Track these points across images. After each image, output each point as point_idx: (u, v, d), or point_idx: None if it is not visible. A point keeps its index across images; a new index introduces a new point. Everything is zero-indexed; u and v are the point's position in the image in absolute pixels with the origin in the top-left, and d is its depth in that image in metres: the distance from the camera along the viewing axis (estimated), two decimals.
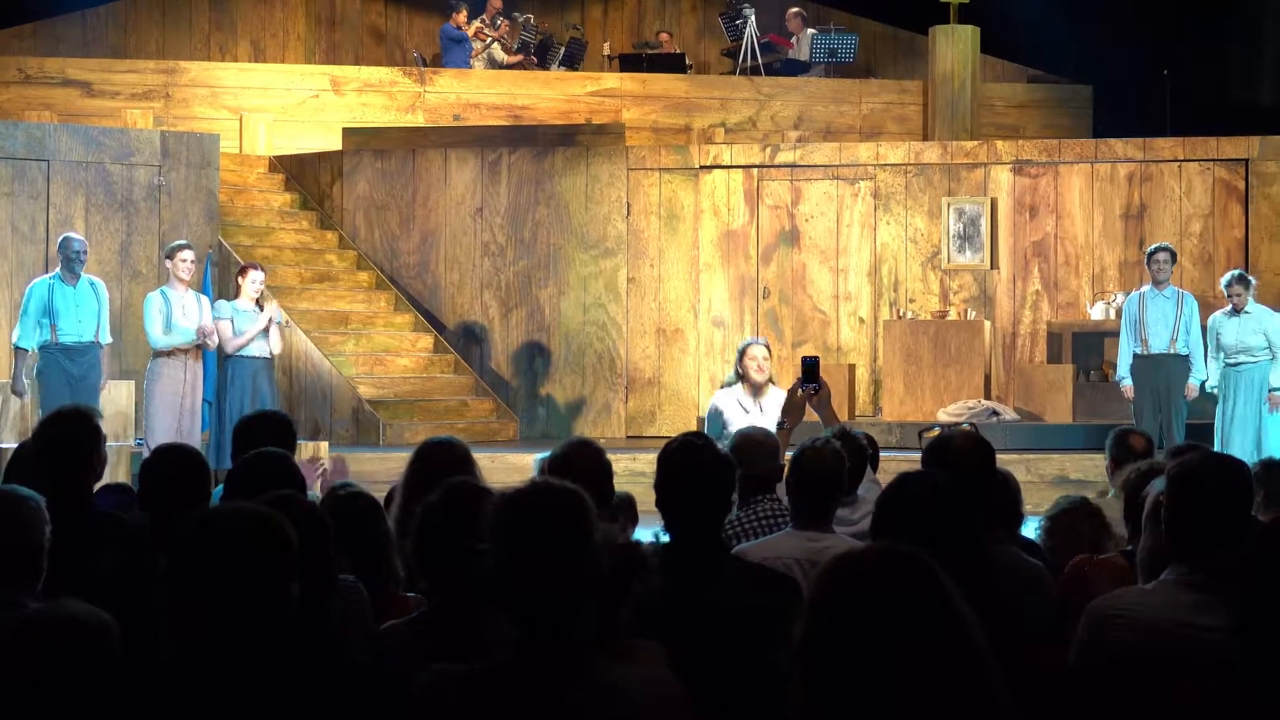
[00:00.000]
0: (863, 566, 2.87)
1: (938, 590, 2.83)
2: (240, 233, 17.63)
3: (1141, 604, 4.17)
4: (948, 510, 4.24)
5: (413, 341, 17.42)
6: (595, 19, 23.10)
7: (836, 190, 17.49)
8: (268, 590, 3.34)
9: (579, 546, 3.31)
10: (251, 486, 4.96)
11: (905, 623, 2.78)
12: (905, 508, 4.27)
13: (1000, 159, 17.24)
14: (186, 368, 13.08)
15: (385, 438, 15.78)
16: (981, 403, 15.80)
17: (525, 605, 3.30)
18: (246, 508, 3.51)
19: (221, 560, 3.31)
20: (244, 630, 3.31)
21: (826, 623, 2.83)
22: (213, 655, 3.30)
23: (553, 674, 3.31)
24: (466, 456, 5.76)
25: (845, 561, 2.90)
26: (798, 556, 5.47)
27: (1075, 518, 6.22)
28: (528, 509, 3.34)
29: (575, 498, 3.37)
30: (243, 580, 3.30)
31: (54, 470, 5.79)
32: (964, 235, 17.12)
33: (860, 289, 17.39)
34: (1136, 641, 4.09)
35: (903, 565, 2.85)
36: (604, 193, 17.66)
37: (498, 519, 3.35)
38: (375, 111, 20.31)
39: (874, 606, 2.80)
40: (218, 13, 22.02)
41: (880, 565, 2.86)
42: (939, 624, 2.79)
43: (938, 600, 2.82)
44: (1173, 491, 4.22)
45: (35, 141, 15.83)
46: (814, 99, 20.68)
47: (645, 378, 17.56)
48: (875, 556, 2.92)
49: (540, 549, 3.28)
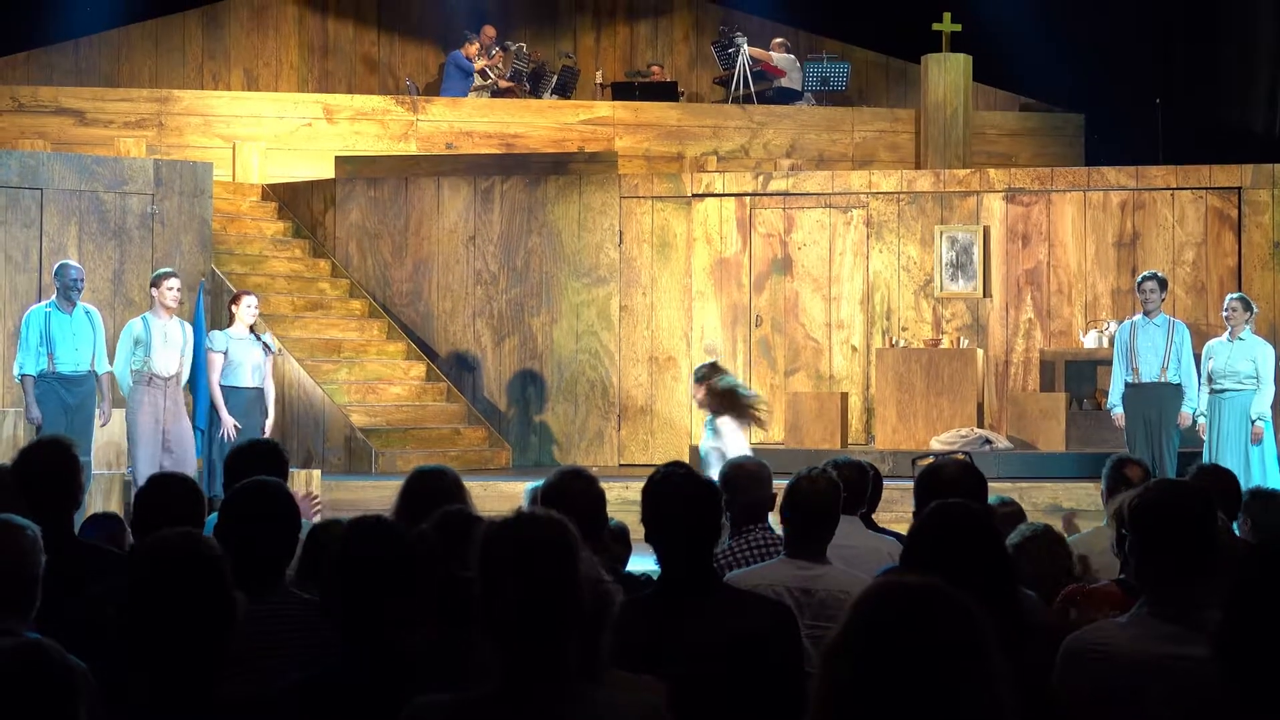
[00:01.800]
0: (897, 601, 2.84)
1: (971, 630, 2.81)
2: (233, 261, 17.66)
3: (1117, 637, 4.17)
4: (982, 542, 4.22)
5: (405, 370, 17.44)
6: (588, 47, 23.17)
7: (829, 218, 17.53)
8: (210, 612, 3.41)
9: (564, 577, 3.33)
10: (245, 514, 4.98)
11: (936, 663, 2.75)
12: (939, 539, 4.24)
13: (993, 187, 17.29)
14: (166, 394, 13.05)
15: (378, 466, 15.79)
16: (974, 431, 15.82)
17: (509, 635, 3.31)
18: (174, 534, 3.58)
19: (159, 588, 3.39)
20: (196, 655, 3.37)
21: (853, 656, 2.80)
22: (169, 682, 3.36)
23: (536, 703, 3.33)
24: (458, 484, 5.78)
25: (880, 595, 2.88)
26: (790, 585, 5.48)
27: (1038, 545, 6.23)
28: (513, 539, 3.36)
29: (561, 528, 3.39)
30: (185, 606, 3.37)
31: (34, 501, 5.81)
32: (957, 263, 17.15)
33: (853, 317, 17.43)
34: (1113, 673, 4.10)
35: (939, 603, 2.82)
36: (596, 221, 17.70)
37: (483, 548, 3.37)
38: (368, 140, 20.36)
39: (906, 643, 2.76)
40: (211, 41, 22.07)
41: (917, 601, 2.83)
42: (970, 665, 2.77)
43: (971, 641, 2.80)
44: (1134, 524, 4.23)
45: (28, 170, 15.85)
46: (806, 127, 20.73)
47: (638, 405, 17.59)
48: (911, 592, 2.87)
49: (524, 579, 3.30)
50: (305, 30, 22.47)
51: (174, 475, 6.10)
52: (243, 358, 13.34)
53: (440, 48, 21.97)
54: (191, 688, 3.41)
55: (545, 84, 21.82)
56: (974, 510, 4.41)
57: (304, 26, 22.47)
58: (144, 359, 12.99)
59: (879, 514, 8.41)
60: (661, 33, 23.23)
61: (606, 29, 23.26)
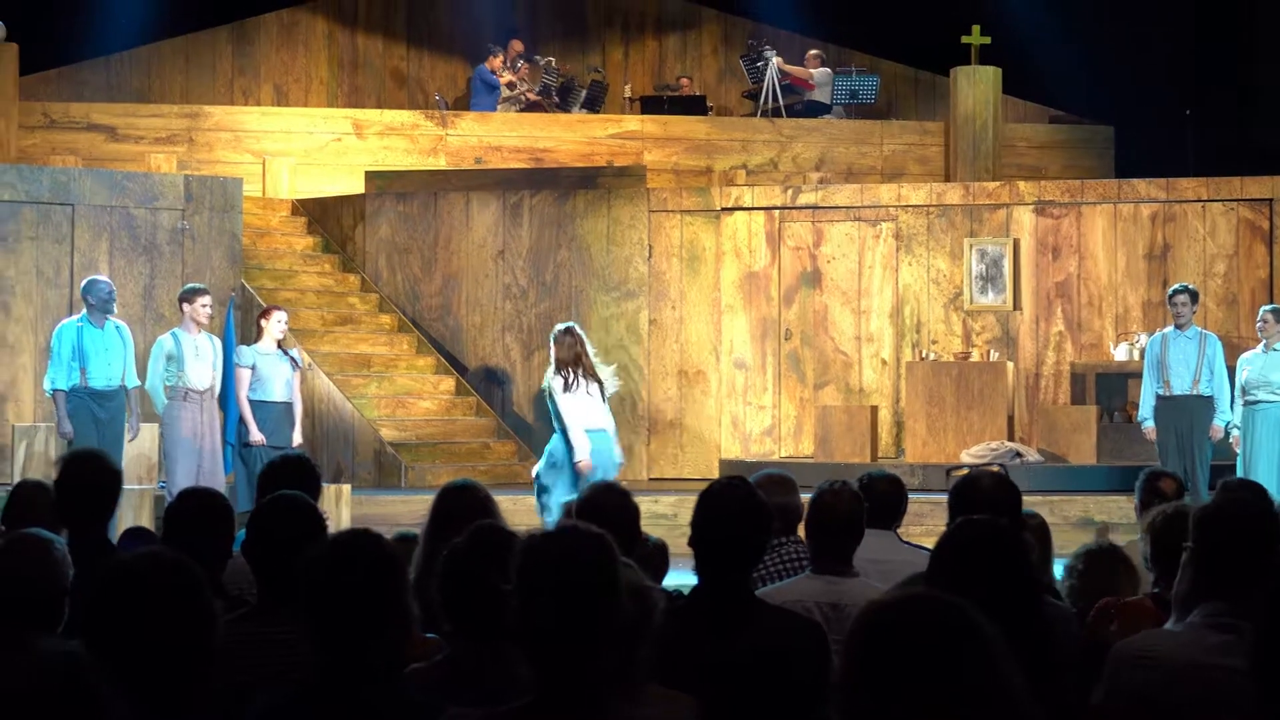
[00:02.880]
0: (901, 614, 2.84)
1: (978, 643, 2.81)
2: (263, 276, 17.69)
3: (1166, 645, 4.15)
4: (1005, 558, 4.18)
5: (435, 384, 17.45)
6: (616, 62, 23.18)
7: (858, 231, 17.49)
8: (183, 633, 3.41)
9: (603, 592, 3.31)
10: (272, 530, 4.97)
11: (942, 674, 2.76)
12: (962, 556, 4.21)
13: (1022, 199, 17.24)
14: (202, 409, 13.06)
15: (407, 480, 15.79)
16: (1005, 444, 15.76)
17: (547, 649, 3.30)
18: (150, 553, 3.58)
19: (128, 609, 3.40)
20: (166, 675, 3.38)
21: (860, 667, 2.81)
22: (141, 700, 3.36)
23: (572, 717, 3.31)
24: (487, 499, 5.77)
25: (882, 608, 2.87)
26: (819, 600, 5.46)
27: (1102, 563, 6.18)
28: (553, 553, 3.35)
29: (601, 542, 3.37)
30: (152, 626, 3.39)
31: (72, 513, 5.83)
32: (986, 276, 17.10)
33: (882, 330, 17.38)
34: (1160, 682, 4.07)
35: (945, 615, 2.82)
36: (625, 235, 17.69)
37: (523, 562, 3.36)
38: (397, 155, 20.39)
39: (907, 655, 2.78)
40: (241, 57, 22.13)
41: (921, 614, 2.83)
42: (978, 676, 2.77)
43: (979, 653, 2.80)
44: (1197, 533, 4.22)
45: (60, 186, 15.90)
46: (835, 140, 20.71)
47: (667, 420, 17.56)
48: (914, 605, 2.88)
49: (564, 594, 3.29)
50: (335, 45, 22.52)
51: (203, 490, 6.11)
52: (271, 372, 13.33)
53: (469, 62, 22.00)
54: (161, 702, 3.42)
55: (574, 98, 21.83)
56: (999, 526, 4.38)
57: (333, 42, 22.53)
58: (178, 374, 12.99)
59: (907, 528, 8.36)
60: (690, 46, 23.23)
61: (635, 43, 23.27)
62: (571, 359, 12.52)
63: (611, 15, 23.23)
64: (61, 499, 6.08)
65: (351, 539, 3.90)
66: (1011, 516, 5.51)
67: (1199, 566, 4.19)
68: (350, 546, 3.85)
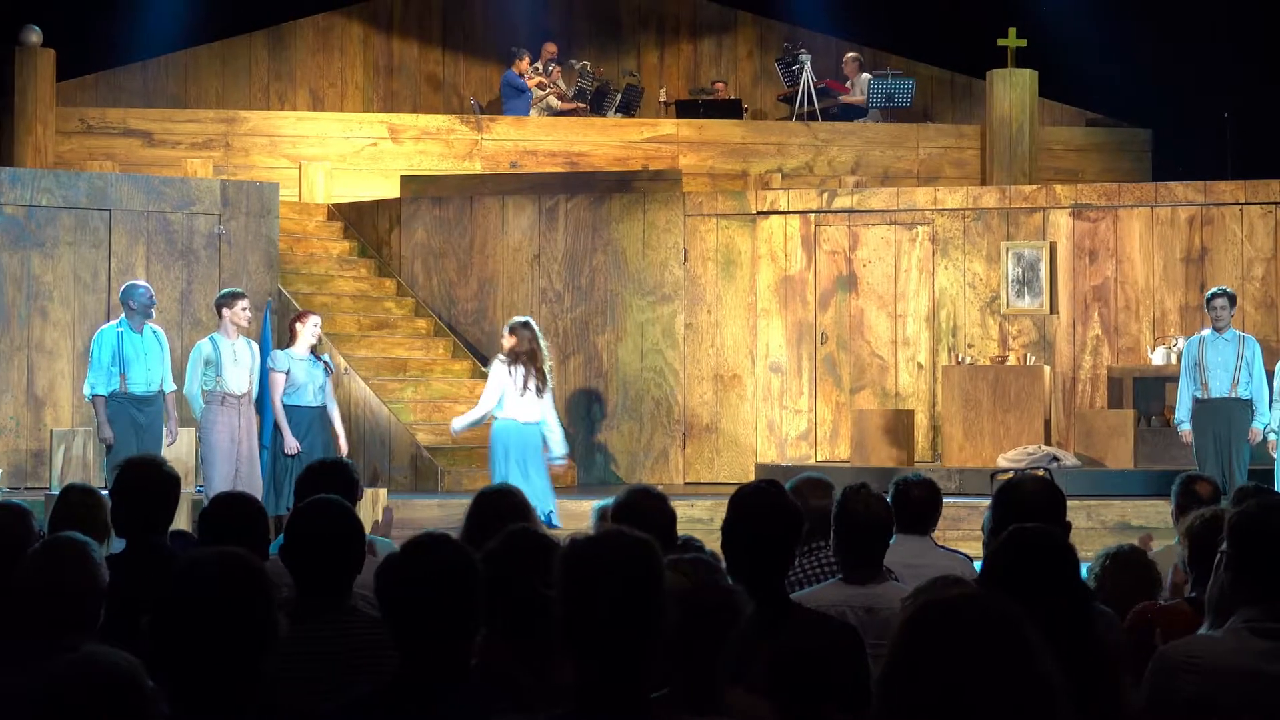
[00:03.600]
0: (953, 611, 2.84)
1: (1022, 645, 2.80)
2: (299, 280, 17.73)
3: (1211, 650, 4.14)
4: (1060, 567, 4.17)
5: (470, 388, 17.44)
6: (651, 65, 23.18)
7: (894, 235, 17.47)
8: (247, 631, 3.42)
9: (651, 598, 3.30)
10: (308, 533, 4.98)
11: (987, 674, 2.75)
12: (1017, 563, 4.19)
13: (1059, 203, 17.19)
14: (240, 413, 13.09)
15: (444, 484, 15.80)
16: (1042, 448, 15.71)
17: (590, 654, 3.29)
18: (219, 552, 3.60)
19: (198, 605, 3.41)
20: (225, 674, 3.39)
21: (907, 662, 2.81)
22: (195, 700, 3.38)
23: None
24: (525, 503, 5.77)
25: (935, 605, 2.87)
26: (852, 604, 5.45)
27: (1124, 566, 6.16)
28: (600, 557, 3.34)
29: (648, 548, 3.37)
30: (221, 624, 3.40)
31: (131, 521, 5.87)
32: (1023, 280, 17.06)
33: (918, 334, 17.35)
34: (1206, 688, 4.06)
35: (990, 616, 2.82)
36: (661, 239, 17.69)
37: (569, 566, 3.34)
38: (433, 159, 20.42)
39: (955, 652, 2.77)
40: (276, 62, 22.20)
41: (968, 614, 2.83)
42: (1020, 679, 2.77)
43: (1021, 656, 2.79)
44: (1234, 538, 4.20)
45: (97, 191, 15.98)
46: (871, 144, 20.68)
47: (703, 424, 17.55)
48: (966, 604, 2.88)
49: (611, 598, 3.28)
50: (370, 50, 22.57)
51: (239, 495, 6.15)
52: (305, 377, 13.34)
53: (504, 66, 22.01)
54: (218, 706, 3.43)
55: (609, 102, 21.84)
56: (1053, 535, 4.37)
57: (369, 46, 22.58)
58: (216, 378, 13.01)
59: (944, 532, 8.35)
60: (725, 50, 23.22)
61: (670, 47, 23.27)
62: (526, 353, 13.25)
63: (646, 19, 23.24)
64: (120, 507, 6.11)
65: (430, 543, 3.94)
66: (1055, 521, 5.49)
67: (1235, 571, 4.17)
68: (430, 550, 3.89)
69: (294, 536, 5.00)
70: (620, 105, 21.82)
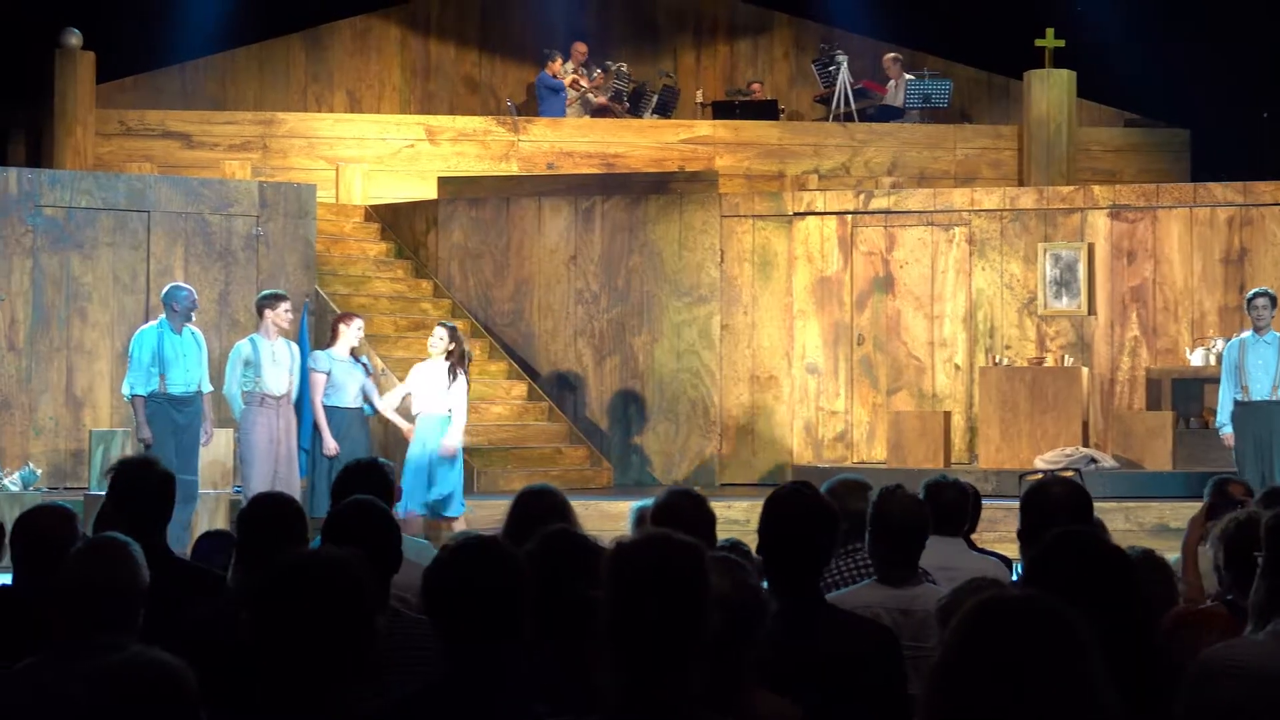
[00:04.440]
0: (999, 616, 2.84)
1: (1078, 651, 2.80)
2: (336, 281, 17.79)
3: (1253, 654, 4.12)
4: (1114, 572, 4.13)
5: (507, 389, 17.50)
6: (688, 66, 23.19)
7: (931, 236, 17.45)
8: (346, 633, 3.42)
9: (697, 602, 3.31)
10: (346, 534, 5.00)
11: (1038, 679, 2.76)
12: (1068, 568, 4.15)
13: (1097, 204, 17.15)
14: (280, 414, 13.14)
15: (479, 485, 15.82)
16: (1080, 450, 15.68)
17: (635, 658, 3.29)
18: (320, 552, 3.60)
19: (299, 606, 3.40)
20: (325, 675, 3.39)
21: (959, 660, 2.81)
22: (298, 699, 3.38)
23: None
24: (565, 504, 5.79)
25: (981, 611, 2.87)
26: (887, 605, 5.45)
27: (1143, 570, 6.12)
28: (648, 560, 3.33)
29: (695, 551, 3.37)
30: (321, 625, 3.39)
31: (133, 520, 5.88)
32: (1061, 281, 17.02)
33: (956, 336, 17.33)
34: (1247, 693, 4.04)
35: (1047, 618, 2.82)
36: (697, 240, 17.70)
37: (616, 568, 3.34)
38: (469, 160, 20.47)
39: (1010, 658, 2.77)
40: (314, 64, 22.27)
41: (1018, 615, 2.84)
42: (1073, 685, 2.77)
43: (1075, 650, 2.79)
44: (1270, 541, 4.18)
45: (136, 193, 16.05)
46: (908, 145, 20.66)
47: (739, 425, 17.56)
48: (1012, 606, 2.88)
49: (659, 602, 3.27)
50: (407, 52, 22.63)
51: (277, 495, 6.14)
52: (345, 379, 13.40)
53: (541, 68, 22.03)
54: (315, 704, 3.44)
55: (645, 103, 21.86)
56: (1102, 540, 4.32)
57: (406, 48, 22.64)
58: (255, 379, 13.07)
59: (981, 534, 8.34)
60: (761, 51, 23.22)
61: (706, 48, 23.27)
62: (457, 355, 13.50)
63: (683, 20, 23.25)
64: (117, 508, 6.12)
65: (477, 545, 3.96)
66: (1082, 523, 5.47)
67: (1272, 576, 4.16)
68: (477, 552, 3.92)
69: (332, 538, 5.03)
70: (656, 106, 21.83)
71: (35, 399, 15.54)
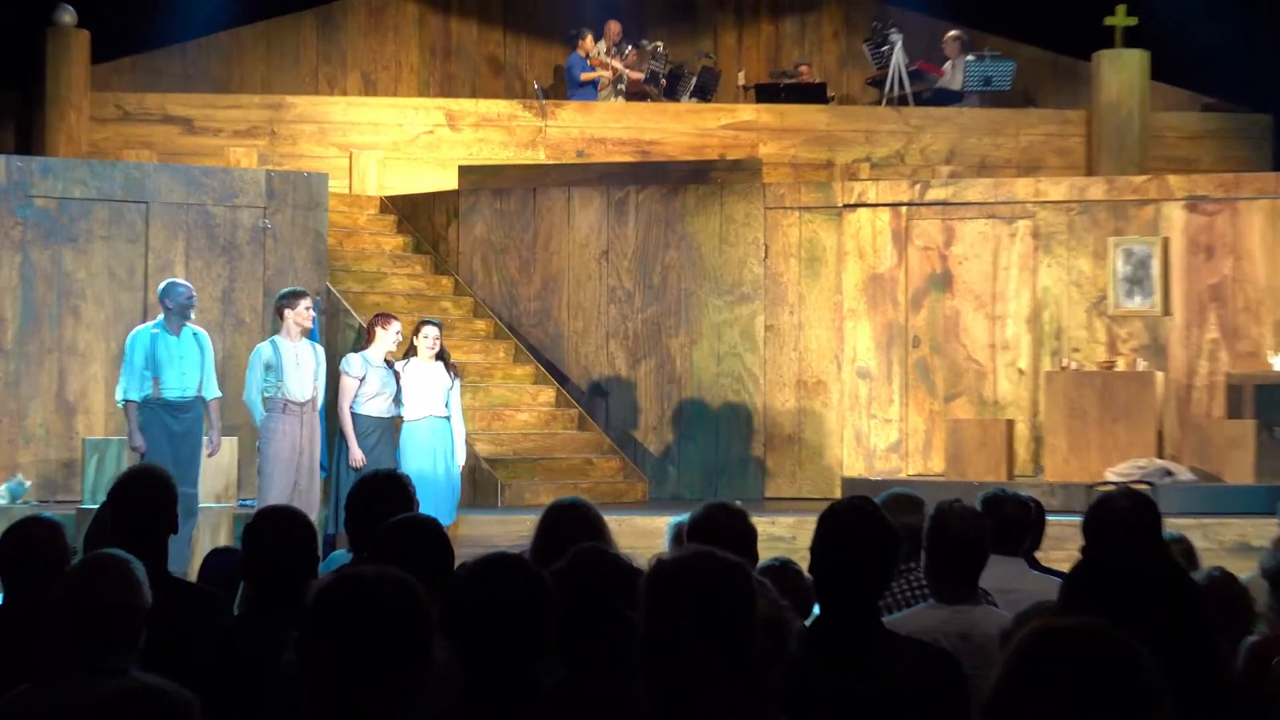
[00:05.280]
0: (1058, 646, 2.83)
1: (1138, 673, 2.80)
2: (349, 278, 17.81)
3: None
4: (1167, 592, 4.08)
5: (533, 395, 17.51)
6: (729, 47, 23.18)
7: (992, 230, 17.41)
8: (406, 657, 3.42)
9: (741, 625, 3.30)
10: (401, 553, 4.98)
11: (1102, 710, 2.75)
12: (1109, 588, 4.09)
13: (1172, 195, 17.09)
14: (303, 423, 13.09)
15: (504, 499, 15.84)
16: (1154, 462, 15.62)
17: (675, 681, 3.29)
18: (378, 571, 3.59)
19: (355, 628, 3.40)
20: (384, 702, 3.39)
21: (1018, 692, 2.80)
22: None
23: None
24: (598, 519, 5.78)
25: (1039, 641, 2.86)
26: (945, 630, 5.43)
27: (1218, 594, 6.08)
28: (692, 579, 3.33)
29: (741, 570, 3.36)
30: (379, 649, 3.39)
31: (132, 535, 5.89)
32: (1133, 278, 16.97)
33: (1019, 338, 17.29)
34: None
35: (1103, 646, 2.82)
36: (739, 234, 17.70)
37: (655, 588, 3.34)
38: (493, 148, 20.49)
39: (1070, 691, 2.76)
40: (326, 44, 22.32)
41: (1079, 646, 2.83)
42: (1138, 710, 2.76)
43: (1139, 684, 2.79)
44: None
45: (133, 182, 16.09)
46: (967, 131, 20.62)
47: (785, 434, 17.54)
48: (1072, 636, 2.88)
49: (700, 624, 3.27)
50: (426, 31, 22.67)
51: (285, 509, 6.13)
52: (381, 386, 13.33)
53: (570, 48, 22.05)
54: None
55: (683, 86, 21.86)
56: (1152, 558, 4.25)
57: (425, 27, 22.68)
58: (276, 384, 13.02)
59: (1047, 553, 8.32)
60: (809, 30, 23.21)
61: (749, 26, 23.27)
62: (447, 354, 13.92)
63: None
64: (117, 520, 6.13)
65: (501, 563, 3.96)
66: (1151, 538, 5.45)
67: None
68: (500, 571, 3.92)
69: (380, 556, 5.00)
70: (695, 89, 21.83)
71: (24, 405, 15.57)
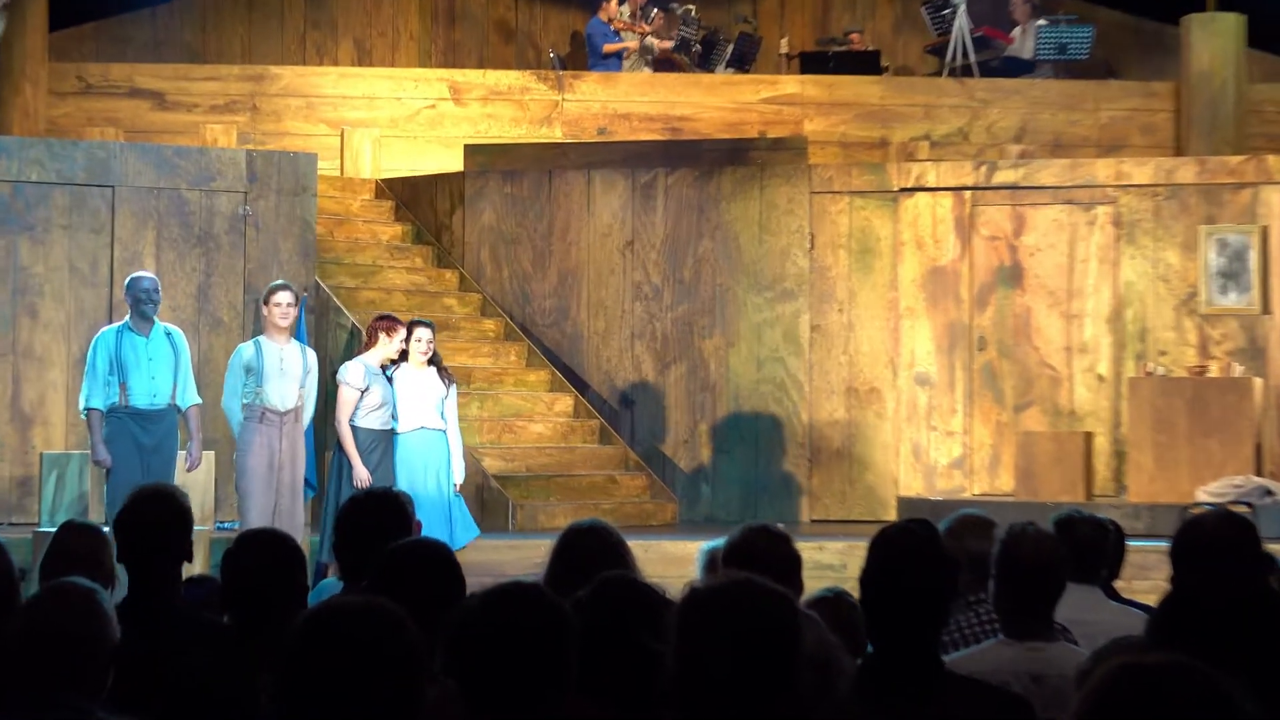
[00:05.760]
0: (1140, 688, 2.83)
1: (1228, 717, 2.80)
2: (341, 272, 17.83)
3: None
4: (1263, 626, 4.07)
5: (549, 404, 17.52)
6: (770, 11, 23.21)
7: (1068, 217, 17.40)
8: (394, 702, 3.43)
9: (783, 659, 3.31)
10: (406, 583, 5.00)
11: None
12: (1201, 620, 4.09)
13: (1272, 177, 17.07)
14: (283, 434, 13.06)
15: (515, 522, 15.84)
16: (1251, 480, 15.60)
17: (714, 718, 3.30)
18: (365, 603, 3.60)
19: (338, 665, 3.40)
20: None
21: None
22: None
23: None
24: (620, 544, 5.79)
25: (1118, 681, 2.86)
26: (1017, 669, 5.42)
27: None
28: (727, 610, 3.34)
29: (784, 601, 3.37)
30: (363, 691, 3.39)
31: (136, 560, 5.93)
32: (1228, 272, 16.96)
33: (1098, 339, 17.28)
34: None
35: (1190, 689, 2.82)
36: (782, 222, 17.70)
37: (689, 618, 3.35)
38: (503, 124, 20.52)
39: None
40: (314, 8, 22.37)
41: (1163, 687, 2.83)
42: None
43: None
44: None
45: (97, 163, 16.13)
46: (1040, 105, 20.60)
47: (833, 448, 17.54)
48: (1155, 676, 2.87)
49: (738, 658, 3.28)
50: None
51: (270, 533, 6.15)
52: (385, 396, 13.30)
53: (589, 12, 22.08)
54: None
55: (719, 55, 21.88)
56: (1251, 586, 4.26)
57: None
58: (256, 390, 12.99)
59: (1130, 583, 8.31)
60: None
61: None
62: (440, 359, 13.96)
63: None
64: (122, 543, 6.17)
65: (516, 594, 3.97)
66: (1249, 566, 5.43)
67: None
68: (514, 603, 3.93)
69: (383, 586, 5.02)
70: (732, 58, 21.85)
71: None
